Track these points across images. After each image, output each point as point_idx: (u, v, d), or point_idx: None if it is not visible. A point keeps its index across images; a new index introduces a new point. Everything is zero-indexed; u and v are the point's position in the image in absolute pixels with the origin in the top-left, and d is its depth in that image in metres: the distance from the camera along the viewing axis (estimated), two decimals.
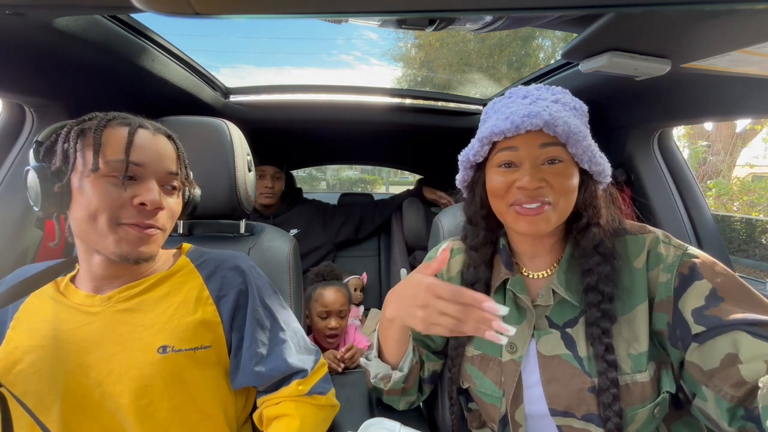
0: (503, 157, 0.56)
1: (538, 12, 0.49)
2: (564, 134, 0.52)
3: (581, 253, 0.57)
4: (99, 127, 0.53)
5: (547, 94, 0.57)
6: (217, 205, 0.82)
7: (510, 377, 0.59)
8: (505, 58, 9.26)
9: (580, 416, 0.54)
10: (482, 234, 0.65)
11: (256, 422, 0.66)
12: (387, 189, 11.06)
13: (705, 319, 0.49)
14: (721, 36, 0.54)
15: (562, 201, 0.54)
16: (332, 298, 1.22)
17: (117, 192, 0.52)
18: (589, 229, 0.56)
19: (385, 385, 0.66)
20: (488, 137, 0.55)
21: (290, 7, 0.29)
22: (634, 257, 0.56)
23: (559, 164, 0.54)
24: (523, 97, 0.57)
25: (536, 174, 0.53)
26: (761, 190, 5.47)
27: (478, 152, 0.58)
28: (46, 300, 0.57)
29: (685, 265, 0.53)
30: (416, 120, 1.49)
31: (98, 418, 0.53)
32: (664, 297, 0.54)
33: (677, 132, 5.84)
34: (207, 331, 0.60)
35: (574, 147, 0.53)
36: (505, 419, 0.60)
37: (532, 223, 0.54)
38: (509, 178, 0.55)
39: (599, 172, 0.56)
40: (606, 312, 0.54)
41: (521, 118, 0.52)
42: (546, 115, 0.51)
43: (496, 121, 0.55)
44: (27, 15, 0.54)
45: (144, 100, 0.91)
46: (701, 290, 0.51)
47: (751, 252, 4.85)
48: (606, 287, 0.54)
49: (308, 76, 59.76)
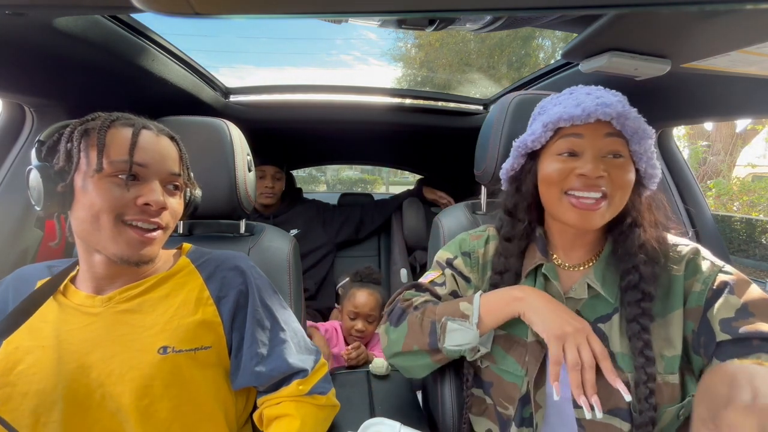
0: (566, 144, 0.56)
1: (538, 12, 0.49)
2: (632, 129, 0.53)
3: (624, 252, 0.58)
4: (103, 128, 0.53)
5: (610, 93, 0.57)
6: (217, 205, 0.82)
7: (534, 358, 0.59)
8: (505, 58, 9.25)
9: (606, 411, 0.55)
10: (520, 226, 0.65)
11: (256, 422, 0.66)
12: (387, 189, 11.06)
13: (732, 329, 0.51)
14: (721, 36, 0.54)
15: (619, 195, 0.55)
16: (363, 300, 1.23)
17: (120, 192, 0.53)
18: (634, 230, 0.57)
19: (470, 355, 0.64)
20: (555, 122, 0.56)
21: (290, 7, 0.29)
22: (675, 264, 0.57)
23: (620, 159, 0.55)
24: (586, 94, 0.57)
25: (598, 163, 0.54)
26: (761, 190, 5.47)
27: (539, 138, 0.58)
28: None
29: (719, 280, 0.54)
30: (416, 120, 1.49)
31: (99, 419, 0.53)
32: (695, 306, 0.55)
33: (677, 132, 5.83)
34: (207, 332, 0.60)
35: (638, 144, 0.54)
36: (526, 398, 0.60)
37: (585, 217, 0.55)
38: (569, 165, 0.56)
39: (651, 176, 0.57)
40: (646, 310, 0.55)
41: (594, 106, 0.53)
42: (619, 107, 0.52)
43: (565, 108, 0.55)
44: (27, 15, 0.54)
45: (144, 100, 0.91)
46: (733, 303, 0.52)
47: (751, 252, 4.85)
48: (648, 286, 0.55)
49: (307, 76, 59.72)
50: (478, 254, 0.71)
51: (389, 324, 0.69)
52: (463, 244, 0.74)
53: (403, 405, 0.81)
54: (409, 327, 0.66)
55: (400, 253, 1.71)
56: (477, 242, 0.73)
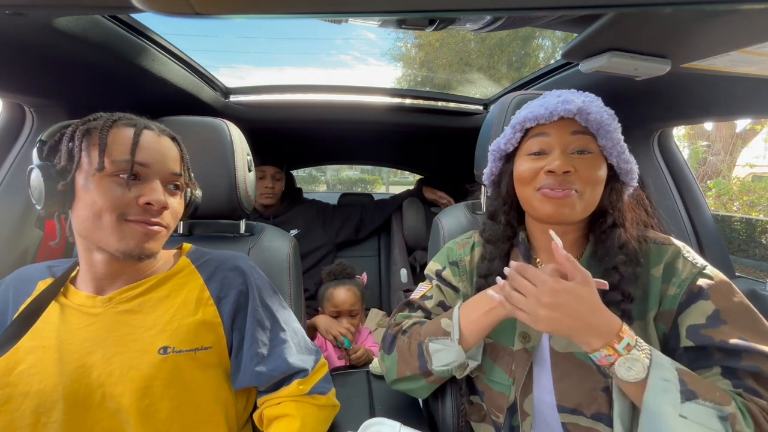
0: (534, 144, 0.58)
1: (538, 12, 0.49)
2: (596, 123, 0.53)
3: (605, 252, 0.57)
4: (105, 127, 0.54)
5: (576, 94, 0.58)
6: (217, 205, 0.82)
7: (521, 366, 0.60)
8: (505, 58, 9.25)
9: (590, 415, 0.55)
10: (502, 229, 0.66)
11: (256, 422, 0.66)
12: (387, 189, 11.06)
13: (698, 336, 0.50)
14: (721, 36, 0.54)
15: (589, 191, 0.55)
16: (342, 297, 1.23)
17: (122, 191, 0.53)
18: (615, 230, 0.57)
19: (459, 373, 0.63)
20: (521, 123, 0.57)
21: (290, 7, 0.29)
22: (654, 266, 0.57)
23: (588, 155, 0.55)
24: (557, 96, 0.58)
25: (566, 160, 0.54)
26: (761, 190, 5.47)
27: (510, 140, 0.60)
28: None
29: (696, 284, 0.53)
30: (416, 120, 1.49)
31: (99, 419, 0.53)
32: (668, 309, 0.54)
33: (677, 132, 5.84)
34: (208, 332, 0.60)
35: (604, 138, 0.54)
36: (513, 407, 0.60)
37: (558, 206, 0.55)
38: (538, 164, 0.57)
39: (627, 171, 0.57)
40: (625, 312, 0.54)
41: (555, 105, 0.54)
42: (579, 102, 0.53)
43: (531, 109, 0.57)
44: (27, 15, 0.54)
45: (144, 100, 0.91)
46: (704, 309, 0.51)
47: (751, 252, 4.86)
48: (628, 287, 0.55)
49: (306, 76, 59.72)
50: (465, 262, 0.72)
51: (383, 351, 0.71)
52: (451, 254, 0.74)
53: (403, 405, 0.81)
54: (399, 353, 0.67)
55: (400, 253, 1.71)
56: (463, 251, 0.73)
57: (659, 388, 0.45)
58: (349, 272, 1.35)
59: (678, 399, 0.45)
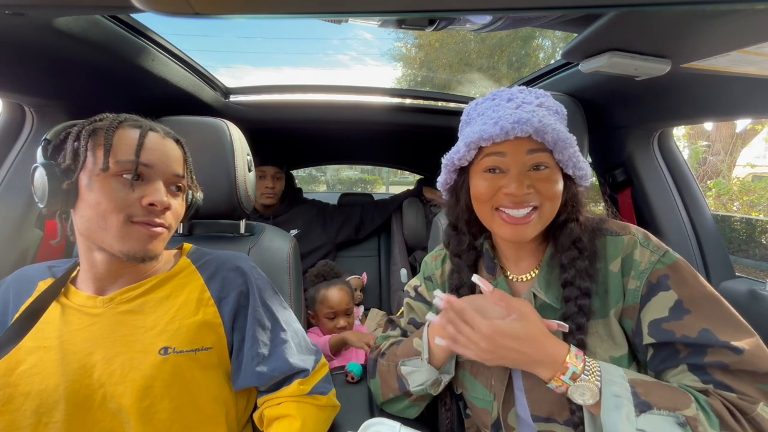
0: (489, 162, 0.55)
1: (538, 12, 0.49)
2: (552, 141, 0.52)
3: (559, 249, 0.57)
4: (111, 128, 0.54)
5: (531, 97, 0.56)
6: (217, 205, 0.82)
7: (499, 381, 0.59)
8: (505, 58, 9.26)
9: (563, 422, 0.54)
10: (466, 239, 0.65)
11: (257, 422, 0.66)
12: (387, 189, 11.07)
13: (660, 332, 0.50)
14: (721, 36, 0.54)
15: (548, 206, 0.54)
16: (337, 298, 1.22)
17: (125, 191, 0.53)
18: (567, 225, 0.57)
19: (435, 390, 0.64)
20: (476, 142, 0.54)
21: (290, 7, 0.29)
22: (612, 260, 0.56)
23: (545, 170, 0.54)
24: (507, 100, 0.56)
25: (523, 180, 0.53)
26: (761, 190, 5.47)
27: (464, 156, 0.57)
28: None
29: (655, 274, 0.52)
30: (416, 120, 1.49)
31: (100, 419, 0.53)
32: (631, 303, 0.53)
33: (677, 132, 5.84)
34: (208, 333, 0.60)
35: (561, 154, 0.53)
36: (498, 424, 0.60)
37: (518, 231, 0.54)
38: (495, 183, 0.55)
39: (581, 176, 0.56)
40: (582, 307, 0.53)
41: (511, 125, 0.51)
42: (536, 121, 0.51)
43: (483, 126, 0.54)
44: (27, 15, 0.54)
45: (144, 100, 0.91)
46: (666, 301, 0.50)
47: (751, 252, 4.86)
48: (583, 282, 0.54)
49: (305, 76, 59.80)
50: (437, 276, 0.72)
51: (369, 377, 0.72)
52: (425, 269, 0.75)
53: None
54: (381, 377, 0.68)
55: (400, 253, 1.71)
56: (435, 264, 0.73)
57: (612, 405, 0.45)
58: (337, 272, 1.35)
59: (633, 413, 0.44)
